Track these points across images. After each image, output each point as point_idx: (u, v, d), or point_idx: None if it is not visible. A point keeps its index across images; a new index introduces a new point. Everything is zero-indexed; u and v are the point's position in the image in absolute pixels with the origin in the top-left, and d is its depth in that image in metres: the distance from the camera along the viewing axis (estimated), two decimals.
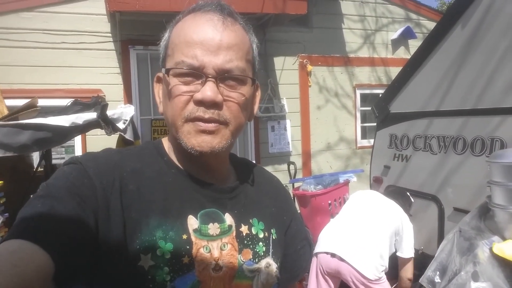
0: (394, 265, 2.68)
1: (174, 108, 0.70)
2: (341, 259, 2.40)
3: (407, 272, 2.65)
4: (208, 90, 0.67)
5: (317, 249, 2.56)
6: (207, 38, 0.68)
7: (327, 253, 2.46)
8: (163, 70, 0.73)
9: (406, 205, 2.88)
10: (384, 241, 2.52)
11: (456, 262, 1.92)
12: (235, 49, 0.70)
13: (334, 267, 2.44)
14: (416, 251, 3.04)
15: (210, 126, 0.69)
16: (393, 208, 2.71)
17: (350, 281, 2.40)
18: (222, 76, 0.69)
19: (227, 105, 0.70)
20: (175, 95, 0.70)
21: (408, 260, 2.65)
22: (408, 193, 3.00)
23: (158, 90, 0.79)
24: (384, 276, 2.46)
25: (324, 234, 2.66)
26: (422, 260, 2.85)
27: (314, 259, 2.54)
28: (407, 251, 2.64)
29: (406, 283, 2.67)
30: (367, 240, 2.46)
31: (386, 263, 2.49)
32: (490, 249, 1.88)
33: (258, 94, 0.82)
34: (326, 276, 2.53)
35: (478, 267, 1.83)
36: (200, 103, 0.68)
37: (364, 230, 2.51)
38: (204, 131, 0.69)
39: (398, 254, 2.65)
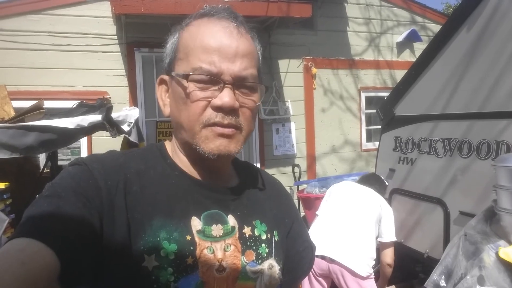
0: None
1: (191, 113, 0.71)
2: (332, 261, 2.42)
3: (387, 257, 2.64)
4: (227, 96, 0.69)
5: None
6: (224, 45, 0.70)
7: (316, 256, 2.47)
8: (173, 73, 0.73)
9: (382, 189, 2.93)
10: (370, 231, 2.55)
11: (462, 266, 1.91)
12: (249, 57, 0.72)
13: (325, 268, 2.46)
14: (422, 254, 3.02)
15: (228, 130, 0.71)
16: (371, 196, 2.75)
17: (341, 280, 2.41)
18: (238, 83, 0.71)
19: (242, 111, 0.72)
20: (192, 101, 0.71)
21: (388, 244, 2.65)
22: (382, 177, 3.07)
23: (161, 93, 0.79)
24: (372, 271, 2.49)
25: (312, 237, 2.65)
26: (427, 264, 2.83)
27: None
28: (387, 235, 2.65)
29: (385, 267, 2.64)
30: (354, 236, 2.48)
31: (374, 253, 2.52)
32: (496, 254, 1.87)
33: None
34: (318, 278, 2.55)
35: (484, 271, 1.82)
36: (219, 109, 0.70)
37: (349, 226, 2.53)
38: (222, 135, 0.71)
39: (378, 239, 2.67)
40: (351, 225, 2.53)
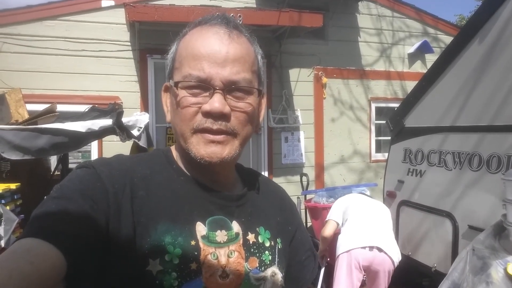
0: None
1: (182, 119, 0.72)
2: (380, 250, 2.69)
3: None
4: (216, 102, 0.69)
5: (348, 246, 2.78)
6: (213, 51, 0.70)
7: (364, 247, 2.72)
8: (171, 82, 0.75)
9: None
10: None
11: (469, 281, 1.88)
12: (241, 61, 0.72)
13: (370, 258, 2.70)
14: (429, 268, 2.98)
15: (218, 137, 0.71)
16: (383, 205, 3.14)
17: (381, 269, 2.67)
18: (229, 88, 0.71)
19: (235, 116, 0.72)
20: (183, 106, 0.72)
21: None
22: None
23: (165, 99, 0.80)
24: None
25: (351, 233, 2.85)
26: (435, 278, 2.79)
27: (344, 256, 2.75)
28: None
29: None
30: (389, 234, 2.84)
31: None
32: (505, 269, 1.84)
33: (263, 102, 0.82)
34: (358, 269, 2.74)
35: (491, 287, 1.79)
36: (208, 114, 0.70)
37: (384, 226, 2.85)
38: (213, 142, 0.71)
39: None
40: (385, 226, 2.86)
